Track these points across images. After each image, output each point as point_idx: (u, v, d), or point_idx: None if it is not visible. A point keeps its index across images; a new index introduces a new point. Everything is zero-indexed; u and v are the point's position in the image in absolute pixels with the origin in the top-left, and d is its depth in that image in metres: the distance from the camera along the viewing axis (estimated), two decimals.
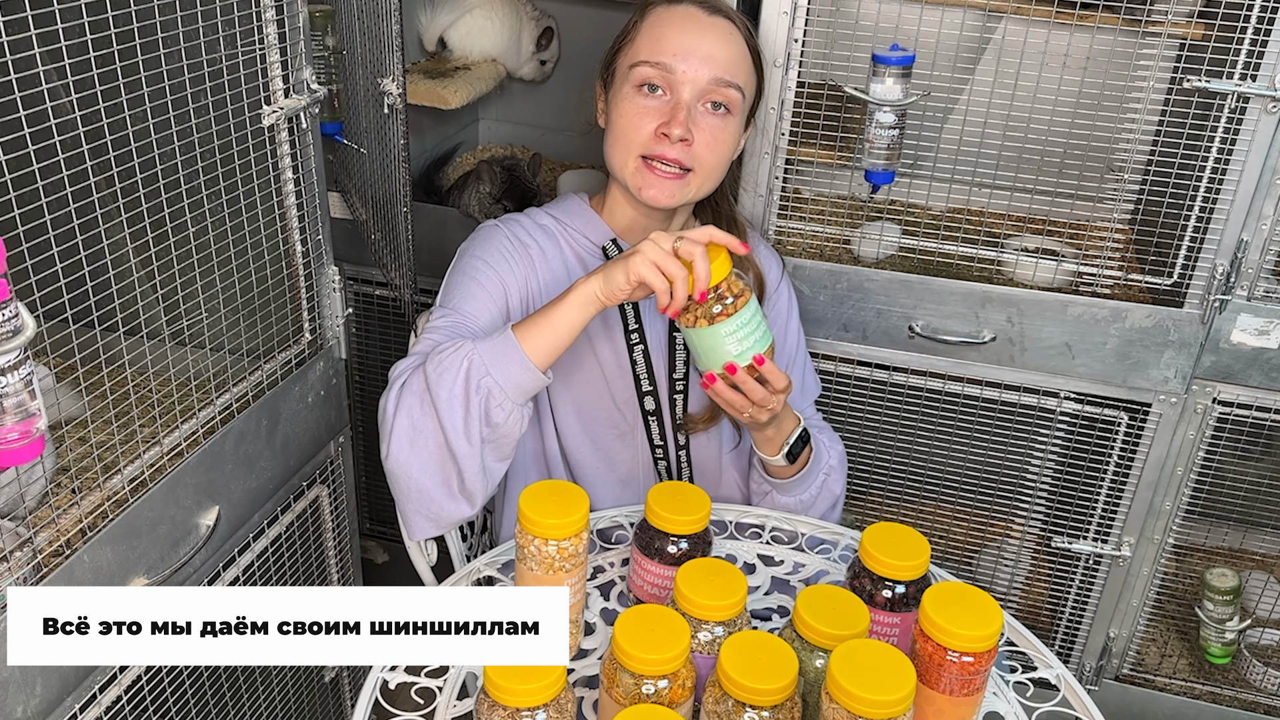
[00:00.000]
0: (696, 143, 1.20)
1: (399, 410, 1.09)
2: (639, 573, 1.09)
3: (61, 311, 0.95)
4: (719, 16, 1.23)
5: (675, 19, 1.22)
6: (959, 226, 1.63)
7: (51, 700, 1.00)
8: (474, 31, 2.03)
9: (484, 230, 1.30)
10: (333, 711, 1.65)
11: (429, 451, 1.09)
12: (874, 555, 1.01)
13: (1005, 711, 1.04)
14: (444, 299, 1.24)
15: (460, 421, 1.07)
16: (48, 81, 0.87)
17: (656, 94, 1.21)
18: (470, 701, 0.98)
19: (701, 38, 1.21)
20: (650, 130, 1.20)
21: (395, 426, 1.09)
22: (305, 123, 1.28)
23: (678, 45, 1.20)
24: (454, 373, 1.07)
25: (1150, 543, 1.67)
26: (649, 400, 1.32)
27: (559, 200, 1.35)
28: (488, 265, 1.25)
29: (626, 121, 1.22)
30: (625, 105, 1.22)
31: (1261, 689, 1.76)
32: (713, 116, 1.22)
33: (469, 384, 1.07)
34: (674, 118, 1.19)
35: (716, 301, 1.06)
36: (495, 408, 1.08)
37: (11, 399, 0.82)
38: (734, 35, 1.23)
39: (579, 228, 1.30)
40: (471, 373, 1.07)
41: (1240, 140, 1.40)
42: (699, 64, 1.20)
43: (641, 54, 1.21)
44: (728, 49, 1.22)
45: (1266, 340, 1.51)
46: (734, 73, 1.22)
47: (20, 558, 0.95)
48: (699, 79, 1.20)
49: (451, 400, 1.07)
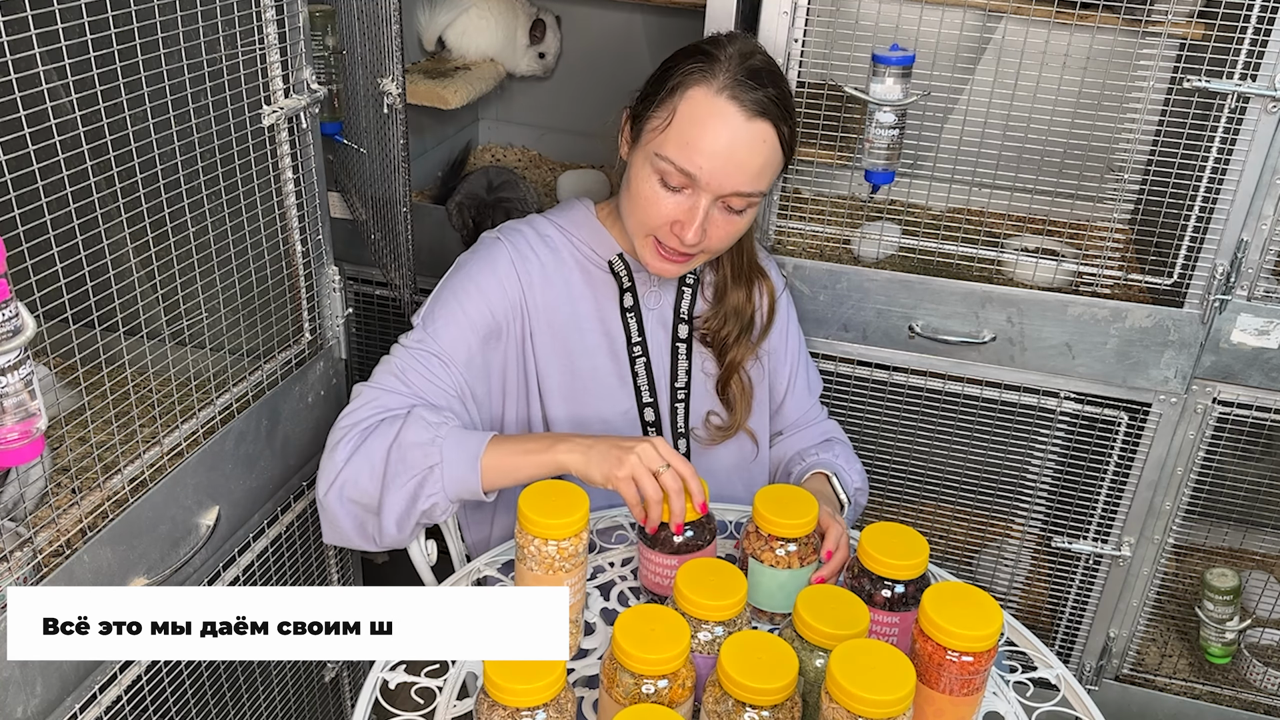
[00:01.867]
0: (709, 237, 1.18)
1: (348, 464, 1.14)
2: (646, 564, 1.10)
3: (61, 311, 0.95)
4: (758, 121, 1.14)
5: (710, 119, 1.13)
6: (959, 226, 1.63)
7: (51, 700, 1.00)
8: (470, 31, 2.03)
9: (484, 244, 1.28)
10: (333, 711, 1.65)
11: (358, 512, 1.16)
12: (873, 555, 1.01)
13: (1005, 711, 1.04)
14: (428, 314, 1.23)
15: (401, 513, 1.13)
16: (48, 81, 0.87)
17: (675, 190, 1.16)
18: (470, 701, 0.98)
19: (735, 148, 1.14)
20: (664, 222, 1.17)
21: (339, 478, 1.14)
22: (305, 123, 1.28)
23: (708, 154, 1.13)
24: (414, 473, 1.11)
25: (1150, 543, 1.67)
26: (649, 412, 1.32)
27: (565, 207, 1.33)
28: (478, 290, 1.23)
29: (643, 202, 1.18)
30: (644, 186, 1.18)
31: (1261, 689, 1.76)
32: (731, 215, 1.18)
33: (421, 489, 1.12)
34: (689, 221, 1.16)
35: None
36: (439, 513, 1.14)
37: (11, 399, 0.82)
38: (769, 140, 1.16)
39: (585, 239, 1.29)
40: (428, 482, 1.11)
41: (1240, 140, 1.40)
42: (726, 177, 1.14)
43: (669, 150, 1.15)
44: (759, 159, 1.15)
45: (1266, 340, 1.51)
46: (761, 181, 1.17)
47: (20, 558, 0.95)
48: (723, 188, 1.15)
49: (400, 495, 1.12)
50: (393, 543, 1.17)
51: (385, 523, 1.13)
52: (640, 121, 1.20)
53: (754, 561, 1.07)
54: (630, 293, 1.29)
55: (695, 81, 1.14)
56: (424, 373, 1.19)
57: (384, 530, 1.14)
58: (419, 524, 1.15)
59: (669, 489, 1.05)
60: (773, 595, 1.08)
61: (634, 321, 1.29)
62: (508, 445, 1.12)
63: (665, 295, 1.31)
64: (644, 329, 1.29)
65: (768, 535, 1.06)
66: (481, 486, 1.11)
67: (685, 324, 1.32)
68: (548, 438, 1.12)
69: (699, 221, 1.15)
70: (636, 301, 1.29)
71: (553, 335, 1.27)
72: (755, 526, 1.08)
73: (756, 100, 1.13)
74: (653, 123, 1.17)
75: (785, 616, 1.09)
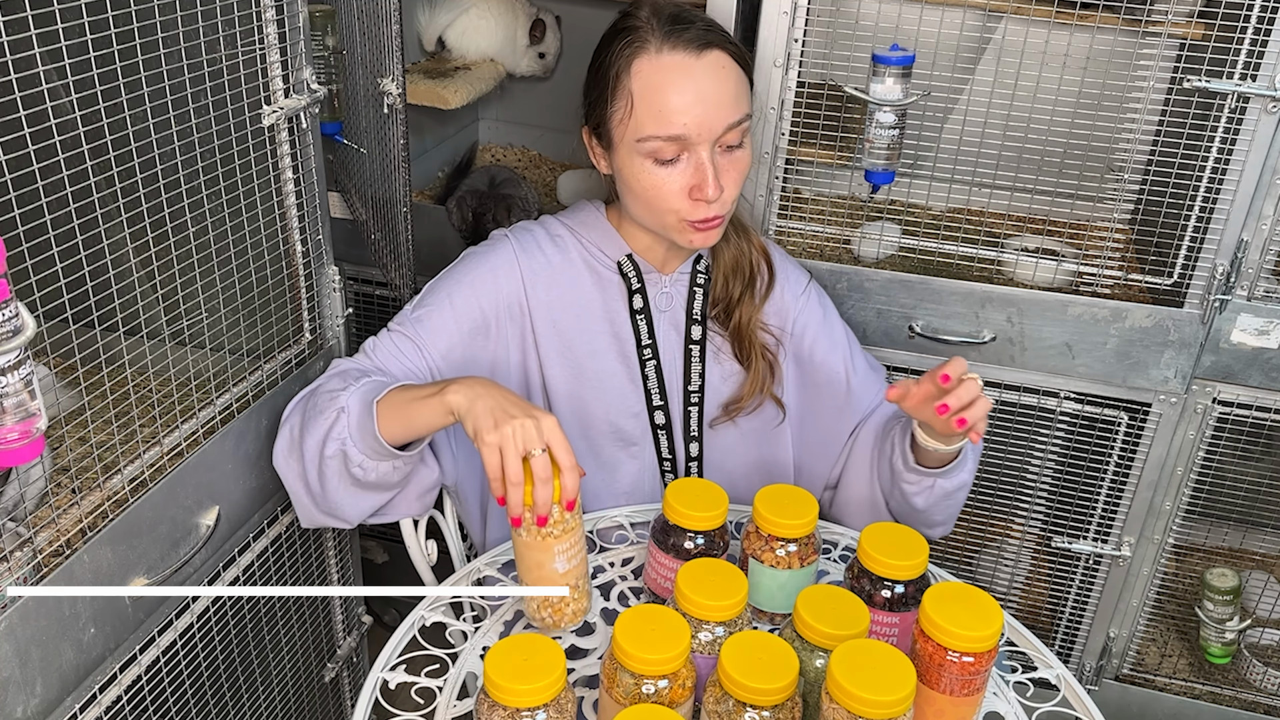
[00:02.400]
0: (725, 188, 1.16)
1: (281, 429, 1.17)
2: (655, 567, 1.10)
3: (61, 311, 0.95)
4: (708, 53, 1.14)
5: (669, 77, 1.12)
6: (959, 226, 1.63)
7: (51, 700, 1.00)
8: (470, 31, 2.03)
9: (491, 240, 1.29)
10: (333, 711, 1.65)
11: (296, 472, 1.16)
12: (873, 555, 1.01)
13: (1005, 711, 1.04)
14: (419, 300, 1.25)
15: (317, 458, 1.12)
16: (48, 81, 0.87)
17: (670, 159, 1.14)
18: (470, 701, 0.98)
19: (703, 88, 1.12)
20: (680, 197, 1.15)
21: (279, 434, 1.17)
22: (305, 123, 1.28)
23: (682, 108, 1.12)
24: (325, 418, 1.10)
25: (1150, 543, 1.67)
26: (659, 414, 1.31)
27: (575, 209, 1.32)
28: (470, 285, 1.23)
29: (652, 192, 1.16)
30: (644, 178, 1.16)
31: (1261, 689, 1.76)
32: (733, 153, 1.17)
33: (330, 433, 1.10)
34: (703, 179, 1.13)
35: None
36: (354, 467, 1.10)
37: (11, 399, 0.82)
38: (726, 65, 1.15)
39: (595, 240, 1.28)
40: (336, 425, 1.09)
41: (1240, 140, 1.40)
42: (711, 117, 1.12)
43: (646, 128, 1.13)
44: (728, 85, 1.14)
45: (1266, 340, 1.51)
46: (741, 105, 1.15)
47: (20, 558, 0.95)
48: (714, 131, 1.13)
49: (314, 441, 1.12)
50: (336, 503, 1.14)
51: (310, 480, 1.13)
52: (602, 126, 1.18)
53: (754, 561, 1.07)
54: (640, 294, 1.28)
55: (633, 55, 1.14)
56: (394, 352, 1.21)
57: (311, 488, 1.14)
58: (350, 479, 1.11)
59: (535, 475, 0.97)
60: (773, 595, 1.08)
61: (644, 323, 1.28)
62: (406, 390, 1.08)
63: (677, 296, 1.29)
64: (654, 331, 1.28)
65: (768, 535, 1.06)
66: (378, 429, 1.07)
67: (699, 325, 1.30)
68: (444, 381, 1.06)
69: (711, 174, 1.13)
70: (647, 303, 1.28)
71: (558, 335, 1.26)
72: (755, 526, 1.08)
73: (694, 37, 1.13)
74: (616, 118, 1.16)
75: (785, 616, 1.09)
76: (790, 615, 0.97)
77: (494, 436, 0.98)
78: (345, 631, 1.61)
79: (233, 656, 1.31)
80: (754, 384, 1.31)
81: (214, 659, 1.26)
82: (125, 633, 1.09)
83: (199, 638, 1.22)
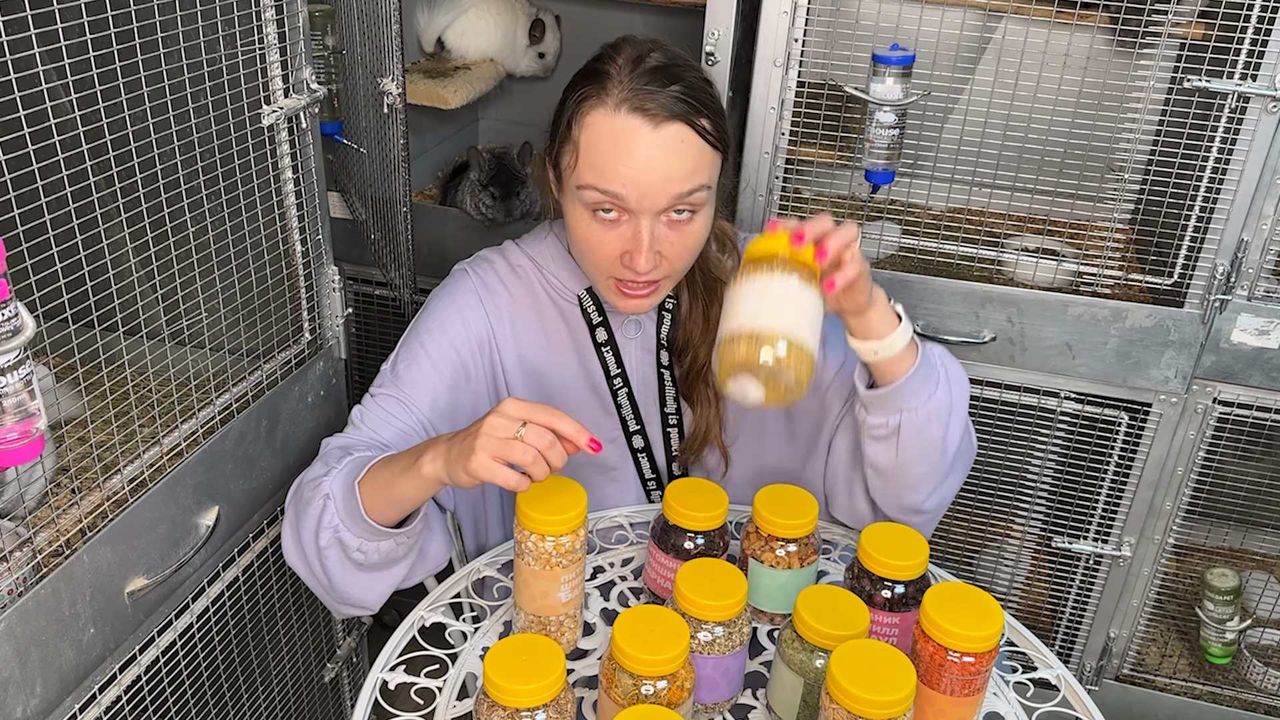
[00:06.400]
0: (665, 257, 1.08)
1: (285, 520, 1.10)
2: (655, 567, 1.10)
3: (61, 311, 0.95)
4: (669, 125, 1.03)
5: (615, 141, 1.04)
6: (959, 226, 1.63)
7: (51, 700, 1.00)
8: (469, 32, 2.03)
9: (453, 278, 1.24)
10: (332, 711, 1.65)
11: (303, 567, 1.09)
12: (873, 555, 1.01)
13: (1005, 712, 1.04)
14: (394, 359, 1.20)
15: (312, 548, 1.05)
16: (48, 81, 0.87)
17: (611, 216, 1.07)
18: (470, 701, 0.98)
19: (651, 160, 1.03)
20: (613, 257, 1.08)
21: (284, 530, 1.10)
22: (305, 123, 1.28)
23: (625, 176, 1.03)
24: (313, 508, 1.04)
25: (1150, 543, 1.67)
26: (638, 439, 1.28)
27: (536, 236, 1.26)
28: (441, 330, 1.19)
29: (586, 244, 1.09)
30: (580, 227, 1.09)
31: (1262, 689, 1.76)
32: (679, 225, 1.08)
33: (320, 522, 1.03)
34: (637, 249, 1.06)
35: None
36: (353, 552, 1.03)
37: (11, 399, 0.82)
38: (687, 139, 1.04)
39: (555, 272, 1.23)
40: (325, 513, 1.03)
41: (1240, 140, 1.40)
42: (654, 191, 1.04)
43: (586, 177, 1.05)
44: (684, 160, 1.04)
45: (1267, 340, 1.51)
46: (695, 179, 1.06)
47: (20, 558, 0.95)
48: (657, 203, 1.04)
49: (308, 532, 1.05)
50: (350, 594, 1.08)
51: (312, 565, 1.06)
52: (556, 162, 1.12)
53: (754, 562, 1.07)
54: (603, 327, 1.24)
55: (590, 107, 1.05)
56: (383, 417, 1.15)
57: (320, 575, 1.07)
58: (353, 564, 1.05)
59: (538, 445, 0.92)
60: (773, 596, 1.08)
61: (610, 354, 1.24)
62: (384, 465, 1.02)
63: (647, 322, 1.25)
64: (623, 360, 1.25)
65: (767, 536, 1.06)
66: (366, 514, 1.00)
67: (667, 350, 1.26)
68: (416, 449, 1.00)
69: (646, 245, 1.05)
70: (611, 335, 1.24)
71: (524, 369, 1.24)
72: (755, 527, 1.07)
73: (660, 105, 1.03)
74: (564, 160, 1.09)
75: (785, 617, 1.09)
76: (790, 615, 0.97)
77: (479, 458, 0.92)
78: (345, 632, 1.61)
79: (232, 656, 1.31)
80: (696, 430, 1.26)
81: (214, 659, 1.26)
82: (125, 633, 1.09)
83: (199, 638, 1.23)
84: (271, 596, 1.38)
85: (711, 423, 1.25)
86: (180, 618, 1.18)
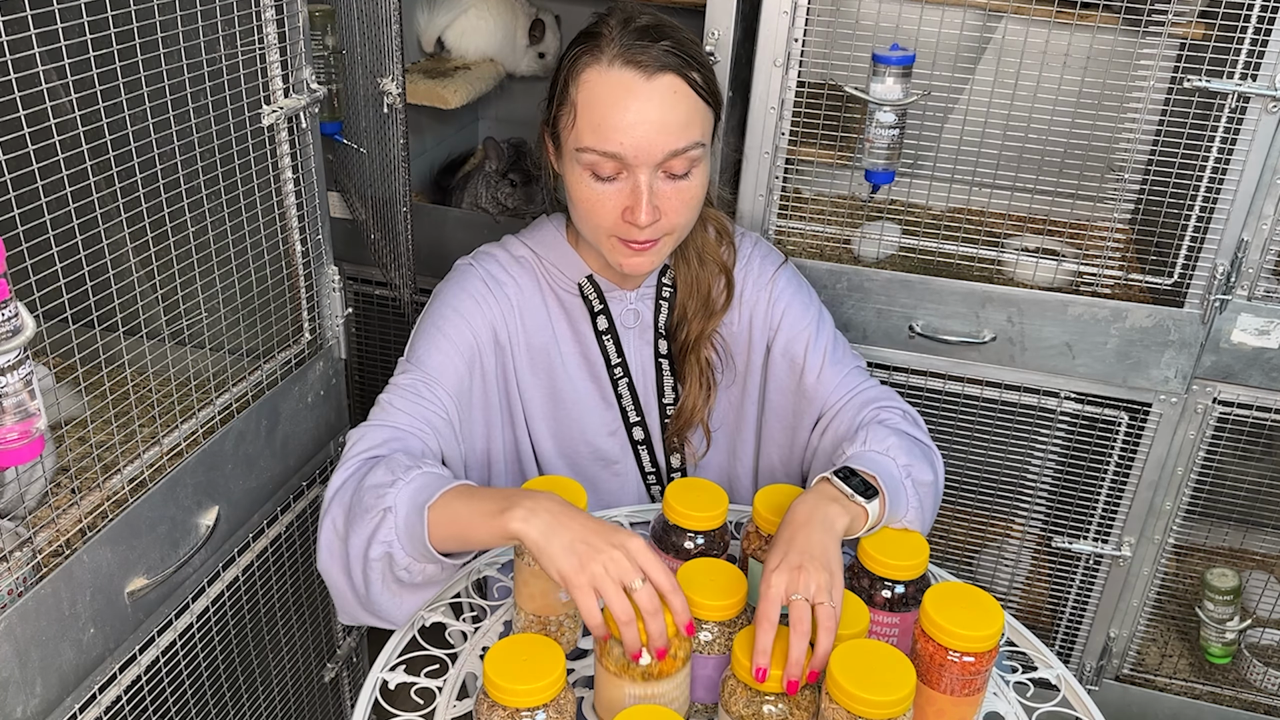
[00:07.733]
0: (665, 213, 1.11)
1: (323, 523, 1.06)
2: None
3: (61, 311, 0.95)
4: (661, 76, 1.08)
5: (611, 94, 1.08)
6: (959, 226, 1.63)
7: (51, 700, 1.00)
8: (469, 32, 2.03)
9: (458, 271, 1.25)
10: (332, 711, 1.65)
11: (340, 569, 1.05)
12: (873, 555, 1.01)
13: (1005, 711, 1.04)
14: (411, 348, 1.19)
15: (362, 561, 1.01)
16: (48, 81, 0.87)
17: (609, 175, 1.10)
18: (470, 701, 0.98)
19: (647, 111, 1.07)
20: (614, 215, 1.11)
21: (320, 536, 1.06)
22: (305, 123, 1.28)
23: (622, 128, 1.07)
24: (371, 516, 1.00)
25: (1150, 543, 1.67)
26: (638, 430, 1.29)
27: (536, 227, 1.28)
28: (456, 314, 1.19)
29: (587, 206, 1.12)
30: (581, 189, 1.12)
31: (1262, 689, 1.76)
32: (677, 181, 1.11)
33: (375, 534, 0.99)
34: (636, 203, 1.09)
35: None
36: (400, 570, 1.00)
37: (11, 399, 0.82)
38: (679, 90, 1.09)
39: (554, 261, 1.24)
40: (382, 527, 0.99)
41: (1240, 140, 1.40)
42: (651, 143, 1.07)
43: (585, 139, 1.09)
44: (677, 111, 1.08)
45: (1267, 340, 1.51)
46: (690, 134, 1.09)
47: (20, 558, 0.95)
48: (654, 156, 1.08)
49: (359, 541, 1.01)
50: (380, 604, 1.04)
51: (354, 570, 1.02)
52: (555, 129, 1.15)
53: (754, 562, 1.07)
54: (604, 315, 1.25)
55: (585, 65, 1.10)
56: (410, 398, 1.14)
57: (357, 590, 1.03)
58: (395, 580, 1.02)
59: (644, 608, 0.87)
60: None
61: (610, 343, 1.25)
62: (463, 498, 0.97)
63: (644, 312, 1.26)
64: (623, 349, 1.26)
65: (768, 535, 1.06)
66: (430, 541, 0.97)
67: (665, 339, 1.28)
68: (506, 497, 0.94)
69: (645, 199, 1.08)
70: (612, 323, 1.25)
71: (532, 358, 1.25)
72: (755, 526, 1.07)
73: (651, 57, 1.07)
74: (563, 123, 1.12)
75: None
76: None
77: (584, 577, 0.87)
78: (345, 631, 1.61)
79: (232, 656, 1.31)
80: (684, 406, 1.27)
81: (213, 659, 1.26)
82: (125, 633, 1.09)
83: (198, 638, 1.23)
84: (271, 596, 1.38)
85: (699, 400, 1.28)
86: (180, 618, 1.18)
